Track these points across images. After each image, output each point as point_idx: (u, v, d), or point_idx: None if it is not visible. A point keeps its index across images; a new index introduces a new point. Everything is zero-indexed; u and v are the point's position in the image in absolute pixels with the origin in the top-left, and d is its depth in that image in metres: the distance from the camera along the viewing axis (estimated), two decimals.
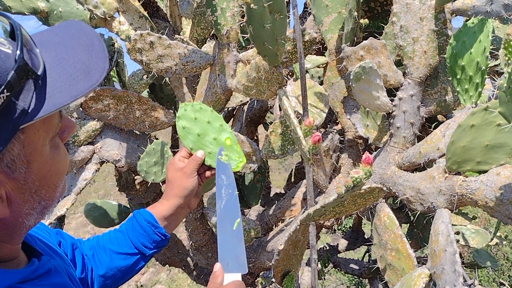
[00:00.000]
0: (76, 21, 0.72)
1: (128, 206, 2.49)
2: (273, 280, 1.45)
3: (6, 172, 0.62)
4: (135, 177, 2.29)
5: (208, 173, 1.17)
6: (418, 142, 1.41)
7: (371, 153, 1.57)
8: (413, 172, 1.38)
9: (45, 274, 0.74)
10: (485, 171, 1.14)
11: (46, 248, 0.85)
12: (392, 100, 1.42)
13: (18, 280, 0.67)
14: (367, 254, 3.48)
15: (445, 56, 1.32)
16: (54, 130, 0.68)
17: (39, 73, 0.61)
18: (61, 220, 1.94)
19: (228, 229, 1.07)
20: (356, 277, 3.79)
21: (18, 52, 0.58)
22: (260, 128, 2.89)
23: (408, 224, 2.32)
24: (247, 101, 2.14)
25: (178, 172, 1.12)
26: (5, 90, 0.56)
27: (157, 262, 2.53)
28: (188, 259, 2.51)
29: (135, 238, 1.09)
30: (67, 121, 0.73)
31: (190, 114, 1.18)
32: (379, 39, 1.46)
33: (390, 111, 1.43)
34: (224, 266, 1.01)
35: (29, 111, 0.60)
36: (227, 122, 2.80)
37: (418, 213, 1.34)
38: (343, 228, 5.47)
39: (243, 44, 2.12)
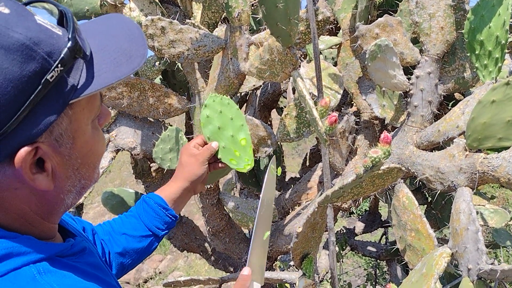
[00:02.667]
0: (116, 14, 0.80)
1: (145, 193, 2.50)
2: (291, 263, 1.45)
3: (54, 146, 0.66)
4: (151, 165, 2.30)
5: (218, 165, 1.25)
6: (436, 120, 1.38)
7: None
8: (432, 151, 1.36)
9: (80, 252, 0.78)
10: (507, 148, 1.11)
11: (77, 231, 0.89)
12: (409, 79, 1.39)
13: (56, 252, 0.71)
14: (384, 236, 3.46)
15: (462, 31, 1.29)
16: (95, 112, 0.73)
17: (87, 53, 0.66)
18: (79, 208, 1.96)
19: (260, 238, 1.10)
20: (373, 259, 3.77)
21: (70, 32, 0.64)
22: (273, 114, 2.86)
23: (426, 205, 2.30)
24: (260, 86, 2.12)
25: (191, 158, 1.19)
26: (59, 65, 0.62)
27: (175, 249, 2.55)
28: (206, 244, 2.53)
29: (148, 221, 1.15)
30: (104, 108, 0.77)
31: (217, 106, 1.23)
32: (393, 16, 1.43)
33: (407, 90, 1.40)
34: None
35: (78, 87, 0.65)
36: (240, 108, 2.80)
37: (436, 193, 1.32)
38: (359, 211, 5.45)
39: (255, 28, 2.10)
